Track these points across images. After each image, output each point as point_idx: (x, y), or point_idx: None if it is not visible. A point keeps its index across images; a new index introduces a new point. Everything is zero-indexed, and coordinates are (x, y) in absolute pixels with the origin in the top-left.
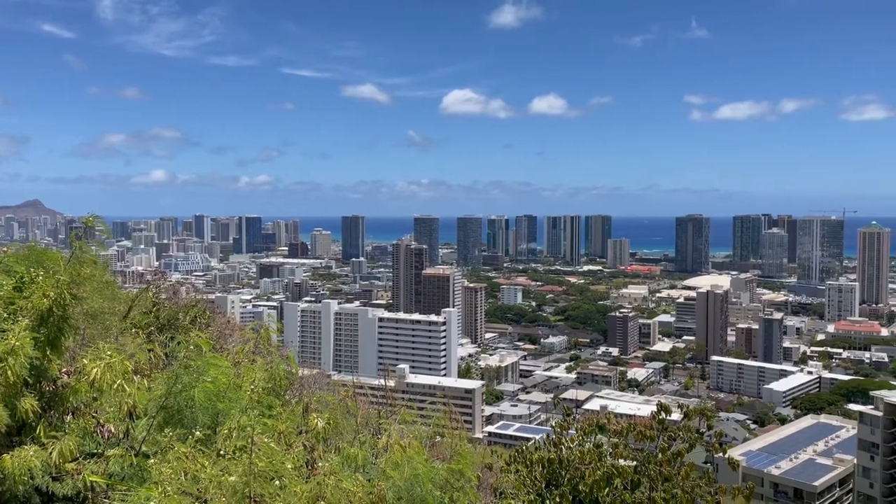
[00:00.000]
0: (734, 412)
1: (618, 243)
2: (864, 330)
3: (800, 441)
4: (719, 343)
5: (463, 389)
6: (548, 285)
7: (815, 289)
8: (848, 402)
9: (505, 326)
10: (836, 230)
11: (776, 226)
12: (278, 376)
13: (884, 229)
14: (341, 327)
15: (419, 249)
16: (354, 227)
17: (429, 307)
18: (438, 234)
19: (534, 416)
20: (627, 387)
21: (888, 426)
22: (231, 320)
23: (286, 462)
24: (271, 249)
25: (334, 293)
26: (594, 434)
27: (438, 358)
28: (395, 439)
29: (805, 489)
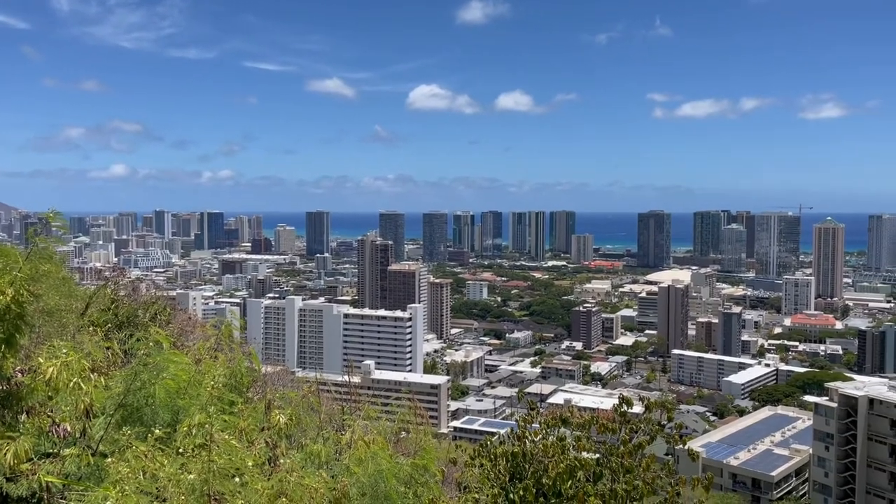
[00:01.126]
0: (694, 404)
1: (581, 239)
2: (820, 323)
3: (757, 432)
4: (680, 337)
5: (429, 385)
6: (513, 281)
7: (773, 283)
8: (804, 393)
9: (470, 322)
10: (792, 226)
11: (735, 222)
12: (240, 373)
13: (838, 225)
14: (306, 324)
15: (385, 245)
16: (319, 222)
17: (394, 303)
18: (404, 229)
19: (499, 411)
20: (591, 380)
21: (842, 417)
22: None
23: (247, 459)
24: (234, 245)
25: (298, 289)
26: (557, 427)
27: (404, 354)
28: (359, 435)
29: (762, 479)
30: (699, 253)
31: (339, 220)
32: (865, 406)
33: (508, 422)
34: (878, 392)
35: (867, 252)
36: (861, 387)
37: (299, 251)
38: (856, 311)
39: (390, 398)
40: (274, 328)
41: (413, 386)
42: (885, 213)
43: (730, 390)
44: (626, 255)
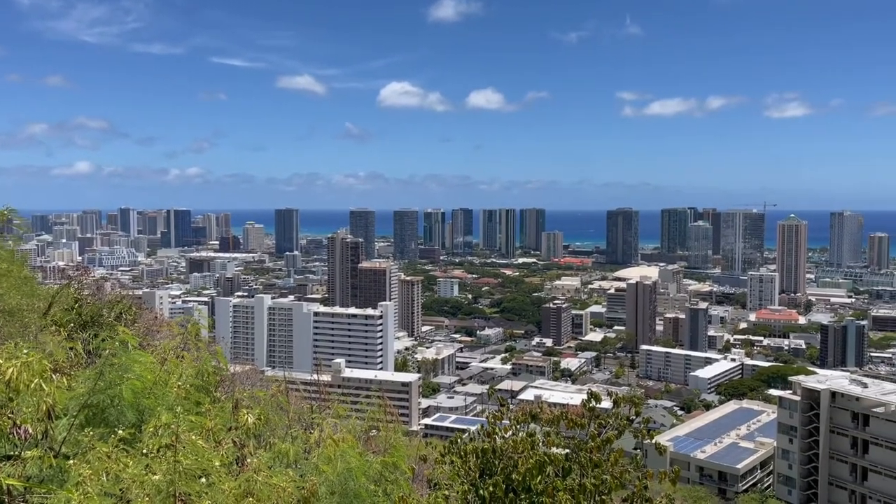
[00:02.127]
0: (662, 399)
1: (551, 236)
2: (783, 318)
3: (723, 426)
4: (648, 332)
5: (399, 383)
6: (483, 278)
7: (738, 279)
8: (768, 387)
9: (441, 319)
10: (757, 223)
11: (702, 219)
12: (207, 372)
13: (801, 222)
14: (275, 322)
15: (355, 243)
16: (288, 220)
17: (365, 301)
18: (374, 227)
19: (470, 408)
20: (561, 376)
21: (805, 410)
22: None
23: (214, 459)
24: (201, 243)
25: (268, 288)
26: (527, 423)
27: (375, 352)
28: (329, 433)
29: (728, 472)
30: (667, 250)
31: (309, 217)
32: (827, 399)
33: (479, 419)
34: (839, 385)
35: (829, 248)
36: (823, 380)
37: (268, 249)
38: (818, 306)
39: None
40: (243, 327)
41: (384, 384)
42: (846, 211)
43: (696, 385)
44: (596, 252)
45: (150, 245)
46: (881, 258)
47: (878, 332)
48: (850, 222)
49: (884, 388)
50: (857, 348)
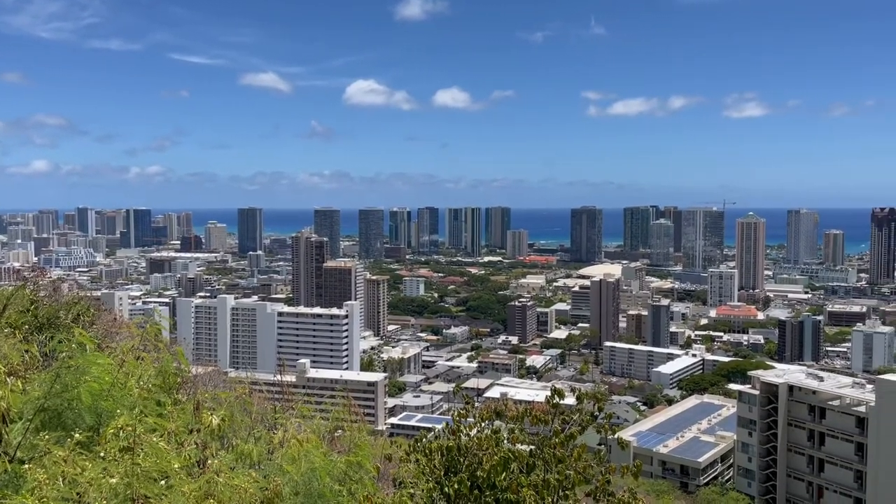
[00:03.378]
0: (626, 395)
1: (517, 234)
2: (743, 314)
3: (685, 420)
4: (612, 329)
5: (365, 382)
6: (450, 276)
7: (699, 276)
8: (728, 382)
9: (407, 318)
10: (717, 221)
11: (663, 217)
12: (168, 374)
13: (759, 220)
14: (238, 323)
15: (320, 242)
16: (251, 219)
17: (330, 300)
18: (340, 226)
19: (436, 406)
20: (526, 374)
21: (764, 404)
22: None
23: (174, 461)
24: (162, 243)
25: (231, 288)
26: (492, 421)
27: (340, 351)
28: (292, 434)
29: (690, 465)
30: (629, 247)
31: (273, 216)
32: (785, 393)
33: (446, 417)
34: (796, 379)
35: (786, 245)
36: (781, 374)
37: (231, 249)
38: (776, 302)
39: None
40: (205, 328)
41: (350, 384)
42: (802, 208)
43: (659, 380)
44: (560, 250)
45: (109, 245)
46: (836, 255)
47: (833, 326)
48: (807, 220)
49: (839, 382)
50: (814, 343)
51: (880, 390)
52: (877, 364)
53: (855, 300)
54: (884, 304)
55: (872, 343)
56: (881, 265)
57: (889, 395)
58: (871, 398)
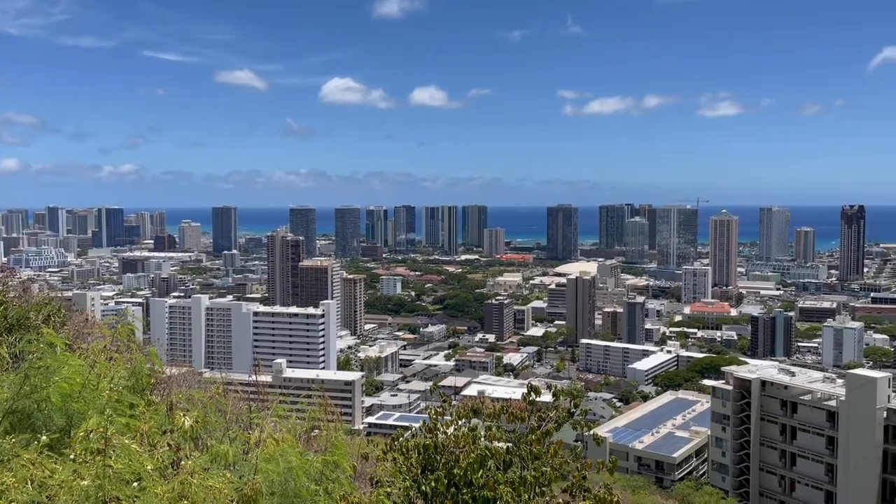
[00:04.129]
0: (602, 391)
1: (493, 233)
2: (716, 311)
3: (660, 416)
4: (588, 326)
5: (342, 381)
6: (426, 275)
7: (673, 273)
8: (702, 377)
9: (384, 317)
10: (690, 218)
11: (638, 215)
12: (140, 374)
13: (732, 217)
14: (213, 323)
15: (295, 241)
16: (226, 218)
17: (306, 300)
18: (316, 225)
19: (413, 405)
20: (504, 371)
21: (737, 399)
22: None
23: (146, 463)
24: (135, 243)
25: (205, 288)
26: (469, 418)
27: (317, 351)
28: (268, 433)
29: (665, 461)
30: (605, 245)
31: (248, 215)
32: (758, 388)
33: (423, 416)
34: (769, 374)
35: (759, 242)
36: (754, 370)
37: (205, 248)
38: (749, 298)
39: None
40: (179, 328)
41: (326, 383)
42: (774, 206)
43: (634, 377)
44: (537, 248)
45: (81, 245)
46: (807, 251)
47: (804, 322)
48: (778, 217)
49: (810, 377)
50: (786, 338)
51: (850, 385)
52: (847, 359)
53: (825, 296)
54: (853, 300)
55: (842, 338)
56: (851, 262)
57: (858, 389)
58: (842, 392)
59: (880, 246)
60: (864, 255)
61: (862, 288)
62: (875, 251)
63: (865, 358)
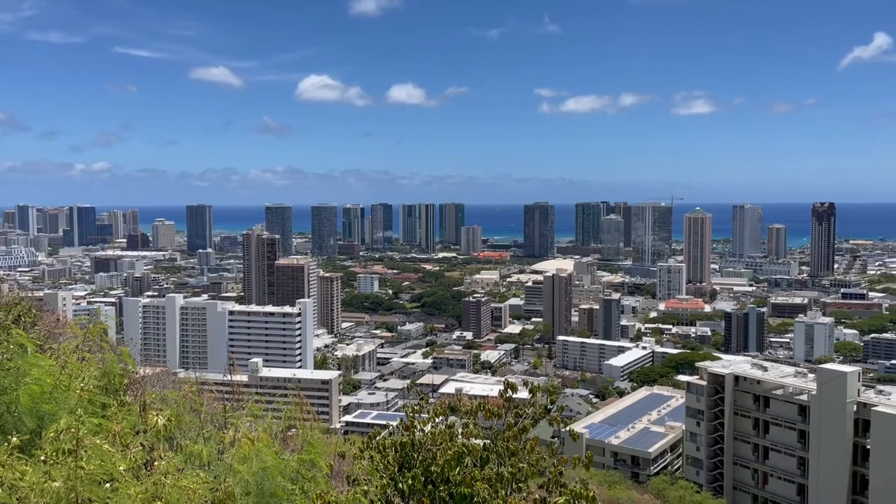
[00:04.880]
0: (578, 388)
1: (471, 230)
2: (690, 307)
3: (636, 412)
4: (564, 323)
5: (319, 380)
6: (404, 273)
7: (648, 270)
8: (677, 373)
9: (362, 315)
10: (665, 216)
11: (614, 212)
12: (114, 374)
13: (706, 215)
14: (188, 323)
15: (271, 239)
16: (201, 216)
17: (283, 298)
18: (292, 223)
19: (391, 403)
20: (481, 369)
21: (711, 394)
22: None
23: (119, 463)
24: (107, 242)
25: (180, 287)
26: (446, 416)
27: (293, 350)
28: (243, 433)
29: (641, 456)
30: (581, 242)
31: (223, 213)
32: (731, 383)
33: (401, 414)
34: (742, 369)
35: (732, 239)
36: (727, 365)
37: (180, 247)
38: (722, 294)
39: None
40: (153, 328)
41: (303, 382)
42: (746, 203)
43: (610, 373)
44: (514, 245)
45: (52, 244)
46: (779, 248)
47: (776, 318)
48: (751, 214)
49: (782, 371)
50: (758, 334)
51: (821, 379)
52: (818, 353)
53: (797, 292)
54: (824, 296)
55: (814, 333)
56: (821, 258)
57: (829, 383)
58: (813, 387)
59: (850, 242)
60: (834, 251)
61: (832, 284)
62: (845, 247)
63: (836, 353)
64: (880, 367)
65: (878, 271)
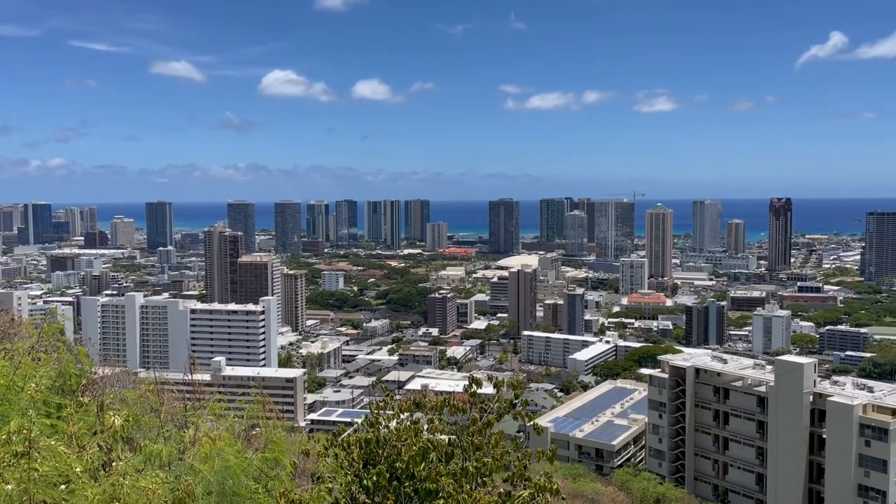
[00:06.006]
0: (543, 382)
1: (436, 227)
2: (652, 301)
3: (600, 405)
4: (529, 319)
5: (284, 379)
6: (369, 270)
7: (611, 265)
8: (640, 366)
9: (327, 313)
10: (627, 212)
11: (577, 208)
12: (70, 375)
13: (667, 210)
14: (148, 322)
15: (234, 236)
16: (161, 213)
17: (246, 296)
18: (255, 220)
19: (357, 401)
20: (447, 365)
21: (673, 387)
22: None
23: (75, 465)
24: (64, 240)
25: (140, 285)
26: (411, 412)
27: (257, 348)
28: (205, 432)
29: (605, 449)
30: (545, 238)
31: (184, 210)
32: (692, 376)
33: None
34: (702, 362)
35: (692, 234)
36: (688, 358)
37: (139, 245)
38: (683, 289)
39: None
40: (113, 327)
41: (267, 380)
42: (706, 199)
43: (575, 367)
44: (479, 241)
45: (6, 242)
46: (738, 243)
47: (735, 311)
48: (710, 210)
49: (741, 364)
50: (718, 327)
51: (778, 370)
52: (776, 346)
53: (755, 286)
54: (781, 290)
55: (771, 326)
56: (778, 252)
57: (786, 374)
58: (771, 378)
59: (806, 237)
60: (791, 245)
61: (789, 277)
62: (801, 242)
63: (793, 345)
64: (835, 359)
65: (833, 265)
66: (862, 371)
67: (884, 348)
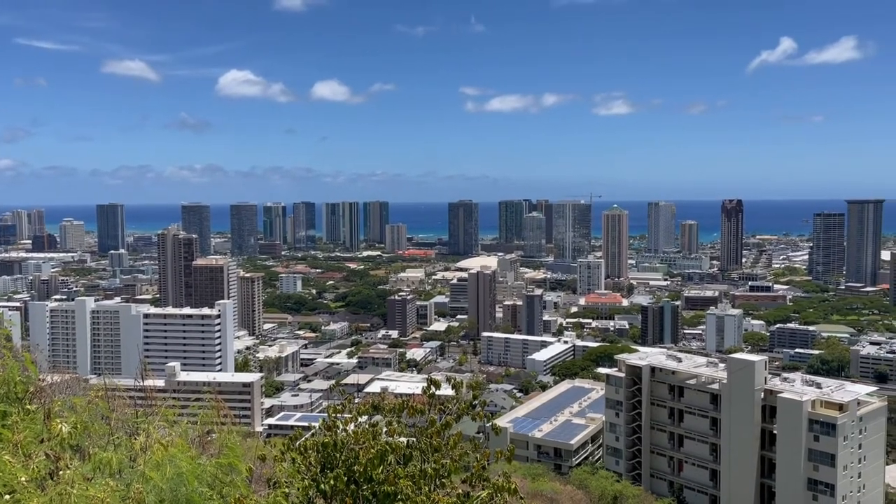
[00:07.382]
0: (503, 383)
1: (395, 229)
2: (609, 301)
3: (558, 405)
4: (489, 320)
5: (240, 383)
6: (328, 272)
7: (569, 266)
8: (597, 366)
9: (284, 316)
10: (584, 213)
11: (536, 210)
12: (13, 382)
13: (623, 212)
14: (100, 327)
15: (188, 239)
16: (112, 216)
17: (201, 300)
18: (210, 222)
19: (315, 405)
20: (407, 367)
21: (629, 385)
22: None
23: (20, 474)
24: (10, 243)
25: (90, 289)
26: (370, 415)
27: (213, 353)
28: (156, 438)
29: (563, 448)
30: (504, 240)
31: (137, 213)
32: (648, 374)
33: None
34: (658, 361)
35: (647, 235)
36: (644, 357)
37: (90, 248)
38: (639, 289)
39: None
40: (62, 333)
41: (223, 385)
42: (661, 201)
43: (534, 367)
44: (439, 243)
45: None
46: (691, 244)
47: (689, 310)
48: (665, 211)
49: (695, 362)
50: (673, 326)
51: (731, 368)
52: (728, 344)
53: (708, 286)
54: (733, 289)
55: (724, 325)
56: (730, 252)
57: (738, 372)
58: (723, 376)
59: (757, 237)
60: (742, 246)
61: (741, 277)
62: (752, 242)
63: (744, 343)
64: (785, 356)
65: (783, 264)
66: (810, 368)
67: (831, 345)
